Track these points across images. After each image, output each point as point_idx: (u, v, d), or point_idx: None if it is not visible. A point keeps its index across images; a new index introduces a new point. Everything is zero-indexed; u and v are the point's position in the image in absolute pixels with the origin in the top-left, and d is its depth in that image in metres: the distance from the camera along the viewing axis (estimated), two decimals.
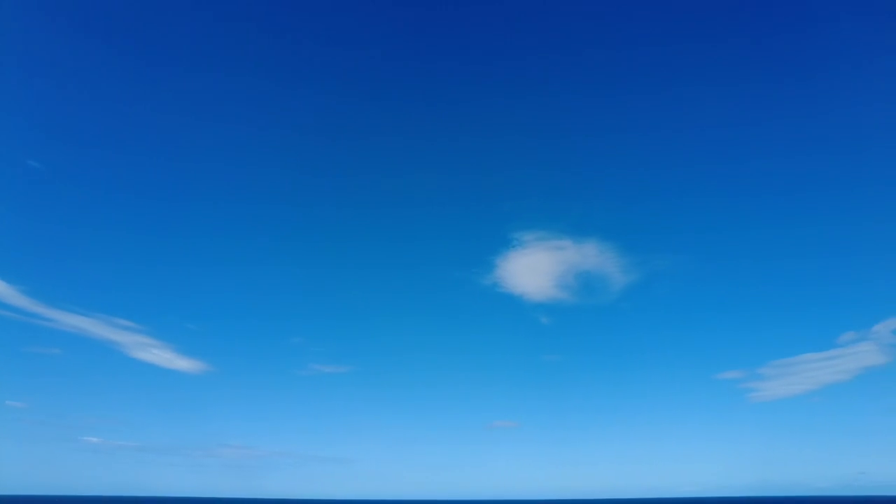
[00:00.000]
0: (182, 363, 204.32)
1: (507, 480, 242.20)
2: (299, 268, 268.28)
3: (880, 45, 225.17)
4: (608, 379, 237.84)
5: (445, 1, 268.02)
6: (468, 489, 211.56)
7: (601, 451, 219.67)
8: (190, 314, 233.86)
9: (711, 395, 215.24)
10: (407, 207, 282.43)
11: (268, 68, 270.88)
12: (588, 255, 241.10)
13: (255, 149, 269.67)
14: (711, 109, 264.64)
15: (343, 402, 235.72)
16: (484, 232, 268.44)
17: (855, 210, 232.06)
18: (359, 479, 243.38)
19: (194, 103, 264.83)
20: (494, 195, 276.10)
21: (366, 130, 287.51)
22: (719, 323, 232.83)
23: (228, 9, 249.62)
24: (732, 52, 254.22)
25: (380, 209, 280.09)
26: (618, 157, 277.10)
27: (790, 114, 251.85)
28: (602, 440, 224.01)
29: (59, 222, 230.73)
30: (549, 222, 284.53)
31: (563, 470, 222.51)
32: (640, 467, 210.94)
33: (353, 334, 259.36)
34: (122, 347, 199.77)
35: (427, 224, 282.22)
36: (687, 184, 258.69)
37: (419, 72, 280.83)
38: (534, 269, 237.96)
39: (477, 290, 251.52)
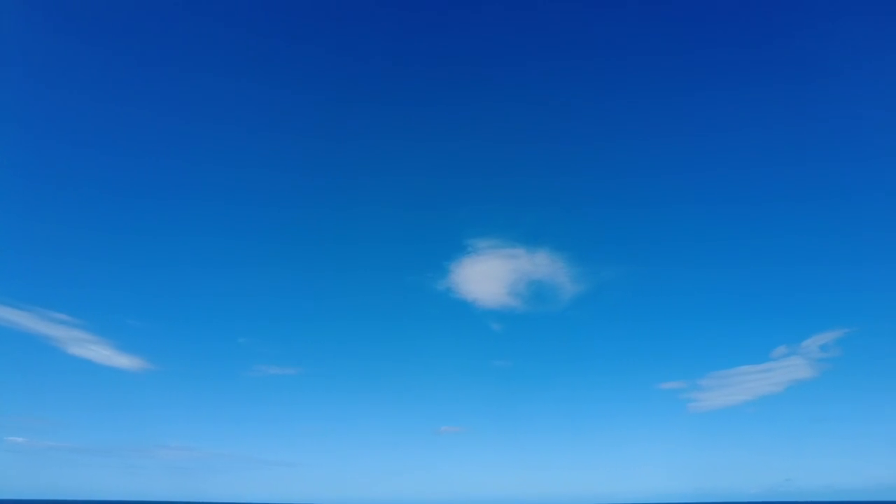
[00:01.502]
0: (121, 360, 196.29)
1: (454, 486, 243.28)
2: (249, 267, 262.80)
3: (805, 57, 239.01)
4: (556, 386, 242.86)
5: (409, 4, 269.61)
6: (414, 494, 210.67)
7: (548, 458, 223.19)
8: (133, 310, 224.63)
9: (654, 404, 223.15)
10: (362, 209, 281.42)
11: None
12: (540, 264, 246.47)
13: (202, 144, 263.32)
14: (664, 121, 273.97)
15: (290, 405, 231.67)
16: (439, 237, 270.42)
17: (793, 227, 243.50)
18: (303, 484, 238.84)
19: (157, 99, 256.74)
20: (451, 201, 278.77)
21: (325, 131, 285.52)
22: (664, 334, 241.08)
23: (209, 8, 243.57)
24: (692, 62, 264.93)
25: (334, 210, 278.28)
26: (572, 168, 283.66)
27: (738, 126, 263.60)
28: (549, 446, 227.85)
29: None
30: (503, 230, 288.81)
31: (508, 475, 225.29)
32: (585, 474, 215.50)
33: (303, 336, 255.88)
34: (56, 342, 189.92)
35: (382, 227, 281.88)
36: (637, 196, 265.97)
37: (379, 73, 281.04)
38: (487, 275, 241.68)
39: (430, 295, 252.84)
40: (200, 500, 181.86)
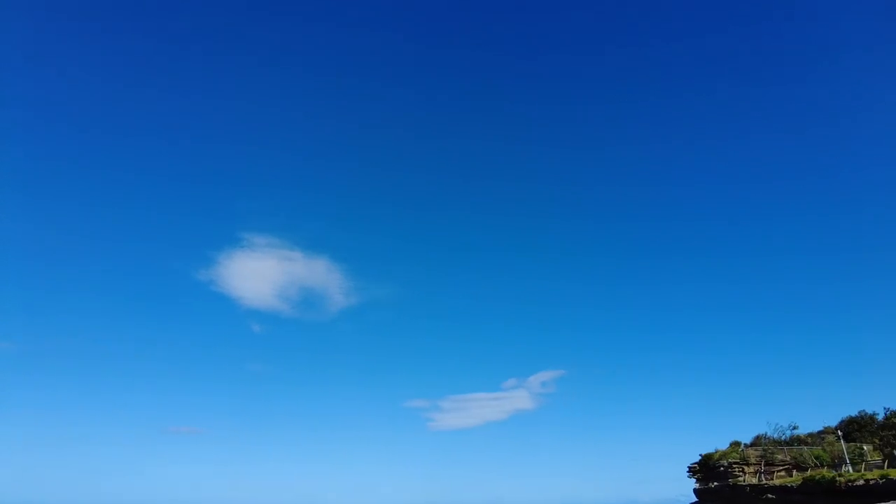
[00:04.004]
0: None
1: (181, 489, 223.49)
2: None
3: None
4: (311, 394, 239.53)
5: None
6: (131, 496, 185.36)
7: (292, 464, 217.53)
8: None
9: (399, 420, 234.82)
10: (118, 173, 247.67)
11: None
12: (316, 271, 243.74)
13: None
14: (434, 141, 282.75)
15: None
16: (210, 223, 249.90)
17: (541, 261, 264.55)
18: None
19: None
20: (232, 186, 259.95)
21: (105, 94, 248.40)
22: (415, 355, 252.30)
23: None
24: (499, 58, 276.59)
25: (87, 169, 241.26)
26: (362, 181, 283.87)
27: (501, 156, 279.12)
28: (295, 453, 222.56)
29: None
30: (284, 230, 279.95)
31: (246, 480, 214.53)
32: (328, 481, 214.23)
33: (24, 306, 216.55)
34: None
35: (142, 198, 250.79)
36: (418, 222, 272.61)
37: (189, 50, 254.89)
38: (257, 274, 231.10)
39: (188, 284, 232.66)
40: None
